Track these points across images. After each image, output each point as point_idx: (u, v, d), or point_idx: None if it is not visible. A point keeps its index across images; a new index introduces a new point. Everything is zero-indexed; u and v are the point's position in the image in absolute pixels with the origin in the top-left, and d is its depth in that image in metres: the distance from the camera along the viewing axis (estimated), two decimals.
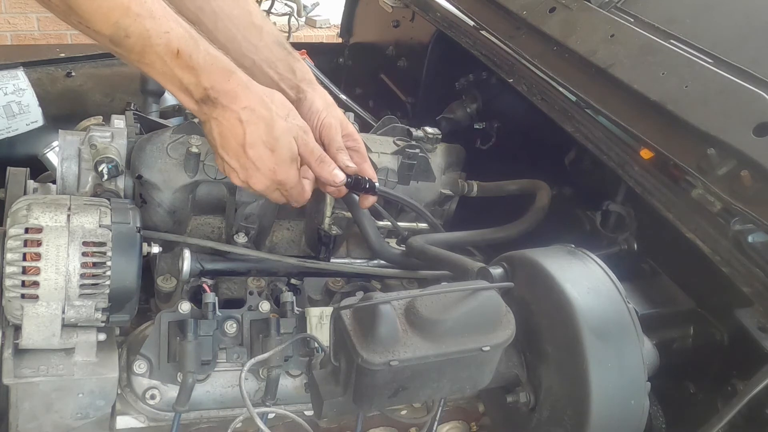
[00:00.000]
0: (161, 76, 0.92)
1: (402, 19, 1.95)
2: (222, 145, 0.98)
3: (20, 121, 1.65)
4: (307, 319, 1.10)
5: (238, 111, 0.95)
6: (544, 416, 0.95)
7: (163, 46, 0.88)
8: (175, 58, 0.89)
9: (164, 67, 0.90)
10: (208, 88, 0.93)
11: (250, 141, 0.96)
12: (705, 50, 1.15)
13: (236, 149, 0.97)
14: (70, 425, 1.00)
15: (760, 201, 0.92)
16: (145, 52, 0.88)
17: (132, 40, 0.87)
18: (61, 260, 0.94)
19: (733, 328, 1.02)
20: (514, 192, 1.47)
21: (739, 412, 0.87)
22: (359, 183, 1.13)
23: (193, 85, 0.92)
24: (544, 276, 0.94)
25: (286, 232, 1.39)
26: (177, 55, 0.89)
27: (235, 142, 0.96)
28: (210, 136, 0.99)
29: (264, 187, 1.01)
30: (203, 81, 0.92)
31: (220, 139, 0.97)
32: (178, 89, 0.93)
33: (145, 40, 0.87)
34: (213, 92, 0.93)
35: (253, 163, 0.98)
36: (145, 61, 0.89)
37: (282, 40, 1.20)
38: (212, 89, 0.93)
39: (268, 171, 0.99)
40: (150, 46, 0.87)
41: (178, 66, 0.90)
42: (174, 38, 0.88)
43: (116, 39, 0.87)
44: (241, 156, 0.98)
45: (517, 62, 1.38)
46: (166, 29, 0.88)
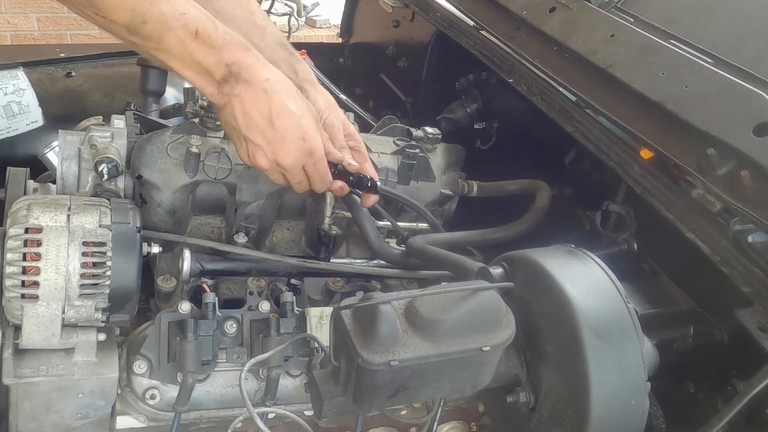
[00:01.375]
0: (180, 62, 0.91)
1: (402, 19, 1.95)
2: (246, 124, 0.95)
3: (20, 121, 1.65)
4: (307, 319, 1.10)
5: (261, 82, 0.94)
6: (544, 416, 0.95)
7: (182, 27, 0.87)
8: (194, 39, 0.89)
9: (183, 51, 0.89)
10: (230, 64, 0.92)
11: (277, 110, 0.95)
12: (705, 50, 1.15)
13: (262, 124, 0.95)
14: (70, 425, 1.00)
15: (760, 201, 0.92)
16: (164, 36, 0.87)
17: (149, 26, 0.86)
18: (61, 260, 0.94)
19: (733, 328, 1.02)
20: (514, 192, 1.47)
21: (739, 412, 0.87)
22: (361, 181, 1.13)
23: (213, 64, 0.91)
24: (544, 276, 0.94)
25: (286, 232, 1.39)
26: (196, 36, 0.89)
27: (261, 116, 0.95)
28: (231, 119, 0.96)
29: (294, 160, 0.99)
30: (225, 57, 0.91)
31: (243, 119, 0.95)
32: (198, 73, 0.92)
33: (163, 24, 0.86)
34: (235, 67, 0.92)
35: (281, 135, 0.96)
36: (163, 47, 0.88)
37: (284, 41, 1.20)
38: (234, 64, 0.92)
39: (297, 139, 0.97)
40: (168, 30, 0.87)
41: (198, 46, 0.89)
42: (191, 19, 0.88)
43: (133, 26, 0.86)
44: (268, 130, 0.96)
45: (517, 62, 1.38)
46: (182, 11, 0.88)
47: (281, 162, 0.99)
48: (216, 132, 1.22)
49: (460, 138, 1.56)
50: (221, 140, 1.22)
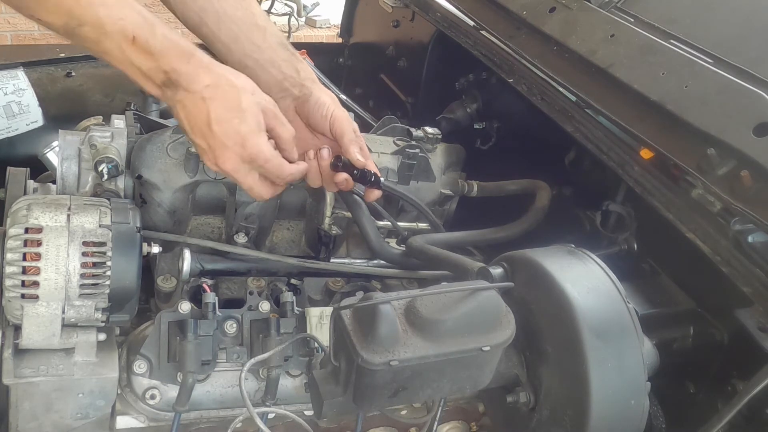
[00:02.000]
0: (120, 64, 0.91)
1: (402, 19, 1.95)
2: (190, 128, 0.96)
3: (20, 121, 1.65)
4: (307, 319, 1.10)
5: (200, 90, 0.93)
6: (544, 416, 0.95)
7: (118, 33, 0.87)
8: (131, 45, 0.88)
9: (122, 55, 0.89)
10: (168, 72, 0.91)
11: (215, 117, 0.94)
12: (705, 50, 1.14)
13: (202, 129, 0.95)
14: (70, 425, 1.00)
15: (760, 201, 0.92)
16: (101, 40, 0.87)
17: (86, 29, 0.86)
18: (61, 260, 0.94)
19: (733, 328, 1.02)
20: (514, 192, 1.47)
21: (739, 412, 0.87)
22: (365, 176, 1.13)
23: (152, 70, 0.91)
24: (544, 276, 0.94)
25: (286, 232, 1.39)
26: (133, 42, 0.88)
27: (201, 121, 0.94)
28: (179, 121, 0.97)
29: (234, 165, 0.98)
30: (162, 65, 0.91)
31: (187, 123, 0.96)
32: (139, 76, 0.92)
33: (99, 28, 0.86)
34: (174, 75, 0.92)
35: (220, 140, 0.95)
36: (102, 50, 0.89)
37: (285, 41, 1.19)
38: (173, 72, 0.91)
39: (236, 146, 0.96)
40: (105, 34, 0.87)
41: (136, 52, 0.89)
42: (129, 24, 0.87)
43: (69, 29, 0.86)
44: (208, 135, 0.95)
45: (517, 62, 1.38)
46: (120, 16, 0.87)
47: (223, 167, 0.99)
48: None
49: (460, 138, 1.56)
50: None
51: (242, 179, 1.01)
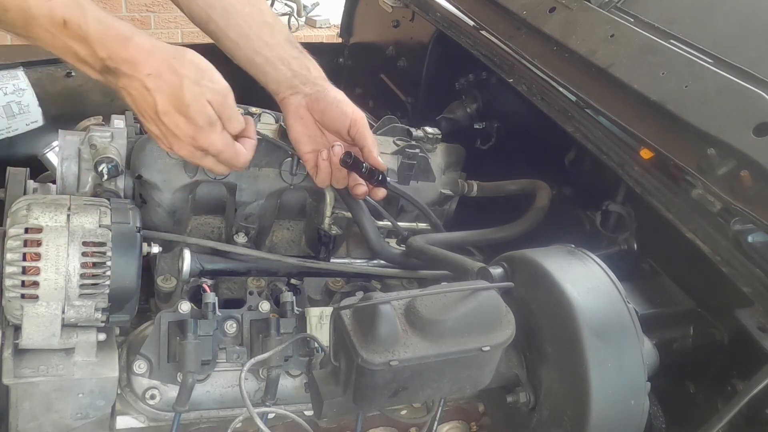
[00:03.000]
0: (55, 50, 0.86)
1: (402, 19, 1.95)
2: (140, 112, 0.93)
3: (20, 121, 1.65)
4: (307, 319, 1.10)
5: (142, 79, 0.89)
6: (544, 416, 0.95)
7: (47, 17, 0.82)
8: (63, 29, 0.83)
9: (54, 40, 0.84)
10: (105, 59, 0.86)
11: (162, 109, 0.91)
12: (705, 50, 1.14)
13: (152, 116, 0.92)
14: (70, 425, 1.00)
15: (760, 201, 0.92)
16: (29, 25, 0.82)
17: (12, 14, 0.81)
18: (61, 260, 0.94)
19: (733, 328, 1.02)
20: (514, 192, 1.47)
21: (739, 412, 0.87)
22: (373, 174, 1.14)
23: (89, 56, 0.86)
24: (544, 276, 0.94)
25: (286, 232, 1.39)
26: (64, 26, 0.83)
27: (149, 109, 0.91)
28: (127, 103, 0.94)
29: (188, 153, 0.97)
30: (99, 51, 0.86)
31: (135, 107, 0.93)
32: (76, 61, 0.87)
33: (25, 11, 0.81)
34: (111, 62, 0.87)
35: (170, 131, 0.93)
36: (33, 36, 0.84)
37: (293, 39, 1.19)
38: (110, 59, 0.87)
39: (187, 138, 0.94)
40: (32, 19, 0.82)
41: (69, 37, 0.84)
42: (57, 7, 0.82)
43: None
44: (159, 123, 0.93)
45: (517, 62, 1.38)
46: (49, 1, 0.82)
47: (178, 153, 0.97)
48: None
49: (460, 138, 1.56)
50: None
51: (199, 162, 1.00)
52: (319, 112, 1.14)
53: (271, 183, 1.25)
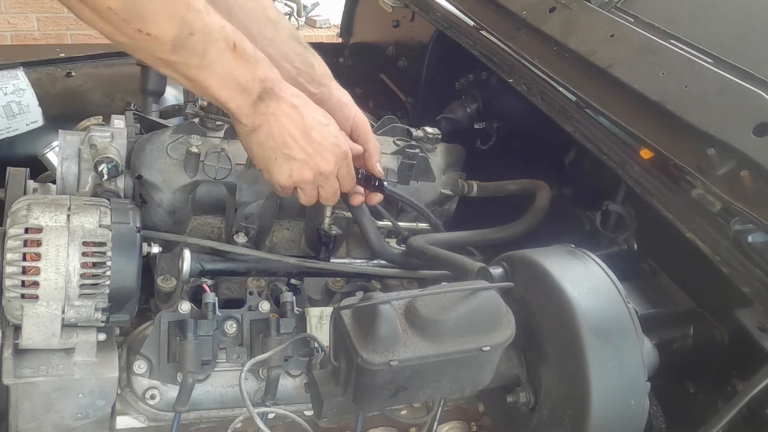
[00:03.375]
0: (219, 80, 0.89)
1: (402, 19, 1.95)
2: (285, 142, 0.96)
3: (20, 121, 1.65)
4: (307, 319, 1.10)
5: (290, 98, 0.95)
6: (544, 416, 0.95)
7: (222, 41, 0.87)
8: (233, 53, 0.88)
9: (223, 66, 0.88)
10: (263, 80, 0.92)
11: (310, 123, 0.97)
12: (705, 50, 1.14)
13: (299, 138, 0.96)
14: (70, 425, 1.00)
15: (760, 201, 0.92)
16: (207, 50, 0.86)
17: (195, 38, 0.84)
18: (61, 260, 0.94)
19: (733, 328, 1.02)
20: (514, 192, 1.47)
21: (739, 412, 0.87)
22: (369, 180, 1.14)
23: (250, 81, 0.91)
24: (544, 276, 0.94)
25: (286, 232, 1.39)
26: (234, 49, 0.88)
27: (297, 130, 0.96)
28: (269, 140, 0.96)
29: (333, 165, 1.01)
30: (258, 73, 0.91)
31: (281, 137, 0.96)
32: (236, 91, 0.91)
33: (207, 36, 0.85)
34: (269, 83, 0.93)
35: (319, 144, 0.98)
36: (206, 63, 0.87)
37: (296, 34, 1.19)
38: (267, 80, 0.93)
39: (332, 145, 1.00)
40: (211, 42, 0.86)
41: (236, 60, 0.88)
42: (229, 32, 0.88)
43: (180, 39, 0.83)
44: (307, 143, 0.97)
45: (517, 62, 1.38)
46: (221, 23, 0.87)
47: (324, 170, 1.01)
48: (216, 132, 1.22)
49: (460, 138, 1.56)
50: (221, 140, 1.22)
51: (333, 181, 1.04)
52: (335, 106, 1.16)
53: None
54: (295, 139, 0.96)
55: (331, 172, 1.02)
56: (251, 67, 0.90)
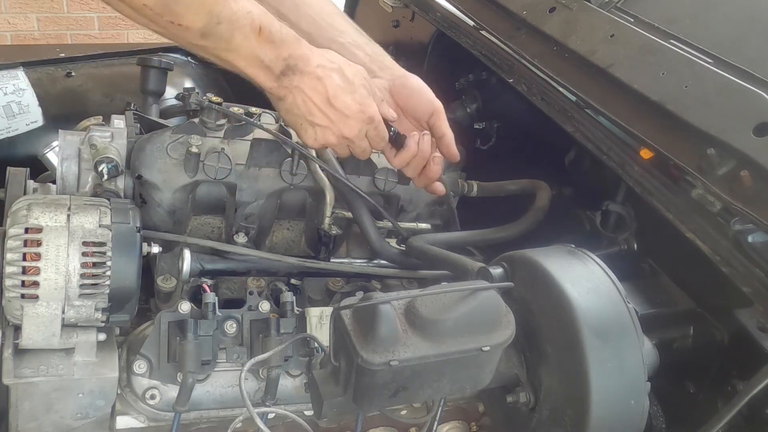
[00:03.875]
0: (245, 60, 0.96)
1: (402, 19, 1.95)
2: (309, 110, 1.03)
3: (20, 121, 1.65)
4: (307, 319, 1.10)
5: (314, 70, 1.01)
6: (544, 416, 0.95)
7: (248, 26, 0.93)
8: (258, 36, 0.95)
9: (249, 49, 0.95)
10: (287, 58, 0.99)
11: (333, 92, 1.02)
12: (705, 50, 1.14)
13: (323, 107, 1.03)
14: (70, 425, 1.00)
15: (760, 201, 0.92)
16: (233, 36, 0.93)
17: (223, 26, 0.92)
18: (61, 260, 0.94)
19: (733, 328, 1.02)
20: (514, 192, 1.47)
21: (739, 412, 0.87)
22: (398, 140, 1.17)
23: (273, 60, 0.98)
24: (544, 276, 0.94)
25: (286, 232, 1.39)
26: (260, 33, 0.95)
27: (320, 99, 1.02)
28: (294, 108, 1.03)
29: (358, 130, 1.07)
30: (282, 52, 0.98)
31: (304, 106, 1.02)
32: (260, 69, 0.98)
33: (234, 23, 0.92)
34: (292, 60, 0.99)
35: (342, 112, 1.03)
36: (232, 47, 0.94)
37: (359, 28, 1.26)
38: (291, 57, 0.99)
39: (357, 112, 1.05)
40: (238, 29, 0.93)
41: (261, 43, 0.95)
42: (256, 16, 0.94)
43: (209, 28, 0.91)
44: (330, 110, 1.03)
45: (517, 62, 1.38)
46: (248, 9, 0.94)
47: (348, 135, 1.06)
48: (216, 132, 1.22)
49: (460, 138, 1.56)
50: (221, 140, 1.22)
51: (361, 141, 1.09)
52: (404, 98, 1.21)
53: (271, 183, 1.25)
54: (318, 106, 1.03)
55: (356, 136, 1.07)
56: (276, 47, 0.97)
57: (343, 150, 1.11)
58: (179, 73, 1.90)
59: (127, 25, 4.03)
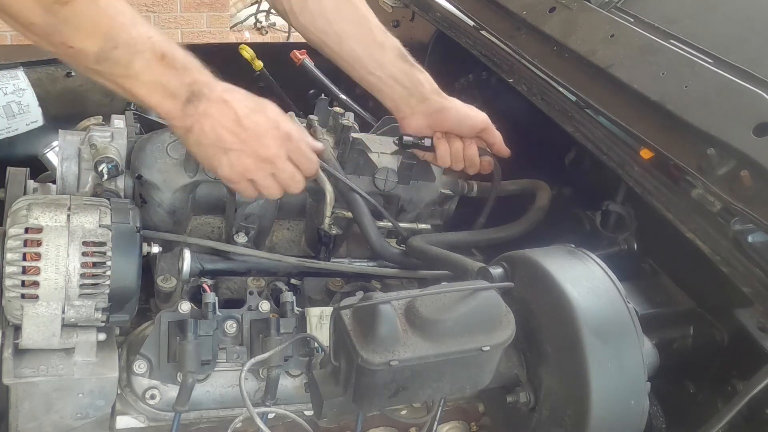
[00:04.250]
0: (146, 87, 0.91)
1: (402, 19, 1.95)
2: (219, 136, 0.96)
3: (20, 121, 1.65)
4: (307, 319, 1.10)
5: (220, 94, 0.96)
6: (544, 416, 0.95)
7: (149, 51, 0.89)
8: (161, 62, 0.90)
9: (150, 75, 0.90)
10: (191, 84, 0.94)
11: (242, 113, 0.96)
12: (705, 50, 1.15)
13: (233, 127, 0.96)
14: (70, 425, 1.00)
15: (760, 201, 0.92)
16: (132, 61, 0.89)
17: (119, 51, 0.87)
18: (61, 260, 0.94)
19: (733, 328, 1.02)
20: (514, 192, 1.47)
21: (739, 412, 0.87)
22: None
23: (178, 87, 0.93)
24: (544, 276, 0.94)
25: (286, 232, 1.39)
26: (162, 58, 0.90)
27: (230, 121, 0.96)
28: (202, 137, 0.96)
29: (276, 148, 1.00)
30: (185, 78, 0.93)
31: (214, 133, 0.96)
32: (163, 96, 0.93)
33: (132, 48, 0.88)
34: (196, 86, 0.94)
35: (254, 131, 0.97)
36: (131, 73, 0.89)
37: (403, 52, 1.24)
38: (195, 83, 0.94)
39: (270, 129, 0.99)
40: (137, 53, 0.88)
41: (164, 68, 0.91)
42: (157, 42, 0.90)
43: (104, 52, 0.86)
44: (241, 131, 0.97)
45: (517, 62, 1.38)
46: (149, 35, 0.89)
47: (266, 155, 0.99)
48: None
49: None
50: None
51: (285, 165, 1.02)
52: (448, 126, 1.24)
53: None
54: (228, 130, 0.96)
55: (275, 155, 1.00)
56: (179, 73, 0.92)
57: (266, 180, 1.02)
58: None
59: None
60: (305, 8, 1.20)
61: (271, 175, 1.02)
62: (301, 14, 1.21)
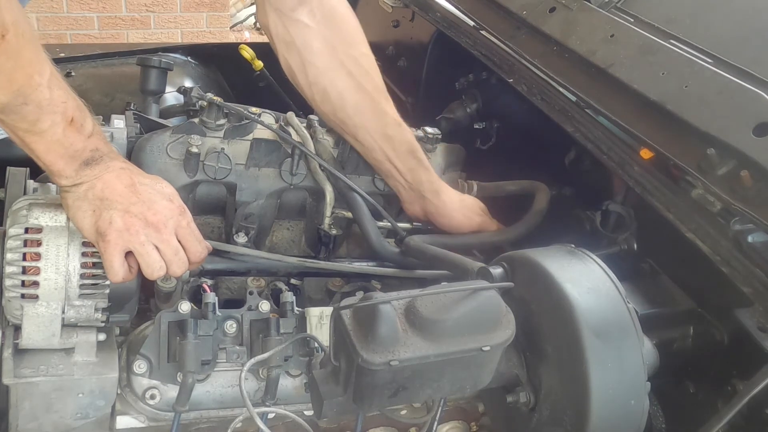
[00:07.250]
0: (45, 145, 0.92)
1: (402, 19, 1.95)
2: (107, 195, 0.94)
3: None
4: (307, 319, 1.10)
5: (120, 164, 0.98)
6: (544, 416, 0.95)
7: (61, 114, 0.90)
8: (69, 125, 0.92)
9: (54, 135, 0.91)
10: (94, 150, 0.95)
11: (138, 180, 0.98)
12: (705, 50, 1.14)
13: (124, 191, 0.96)
14: (70, 425, 1.00)
15: (760, 201, 0.92)
16: (40, 119, 0.89)
17: (29, 108, 0.88)
18: (61, 260, 0.94)
19: (733, 328, 1.02)
20: (513, 192, 1.47)
21: (739, 412, 0.87)
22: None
23: (80, 150, 0.94)
24: (544, 276, 0.94)
25: (286, 232, 1.39)
26: (71, 122, 0.92)
27: (123, 185, 0.96)
28: (89, 194, 0.94)
29: (165, 216, 0.97)
30: (90, 144, 0.95)
31: (102, 192, 0.94)
32: (61, 157, 0.93)
33: (44, 108, 0.89)
34: (98, 153, 0.96)
35: (146, 197, 0.97)
36: (36, 129, 0.90)
37: (414, 147, 1.30)
38: (98, 150, 0.96)
39: (164, 200, 0.99)
40: (48, 114, 0.89)
41: (71, 131, 0.92)
42: (70, 108, 0.91)
43: (11, 106, 0.87)
44: (132, 194, 0.96)
45: (517, 62, 1.38)
46: (63, 99, 0.91)
47: (152, 220, 0.95)
48: (216, 132, 1.22)
49: (460, 138, 1.56)
50: (221, 140, 1.22)
51: (167, 237, 0.98)
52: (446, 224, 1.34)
53: (271, 183, 1.25)
54: (119, 192, 0.96)
55: (162, 223, 0.96)
56: (84, 138, 0.94)
57: (147, 247, 0.95)
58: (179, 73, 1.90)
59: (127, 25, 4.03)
60: (326, 99, 1.25)
61: (153, 246, 0.96)
62: (323, 104, 1.26)
